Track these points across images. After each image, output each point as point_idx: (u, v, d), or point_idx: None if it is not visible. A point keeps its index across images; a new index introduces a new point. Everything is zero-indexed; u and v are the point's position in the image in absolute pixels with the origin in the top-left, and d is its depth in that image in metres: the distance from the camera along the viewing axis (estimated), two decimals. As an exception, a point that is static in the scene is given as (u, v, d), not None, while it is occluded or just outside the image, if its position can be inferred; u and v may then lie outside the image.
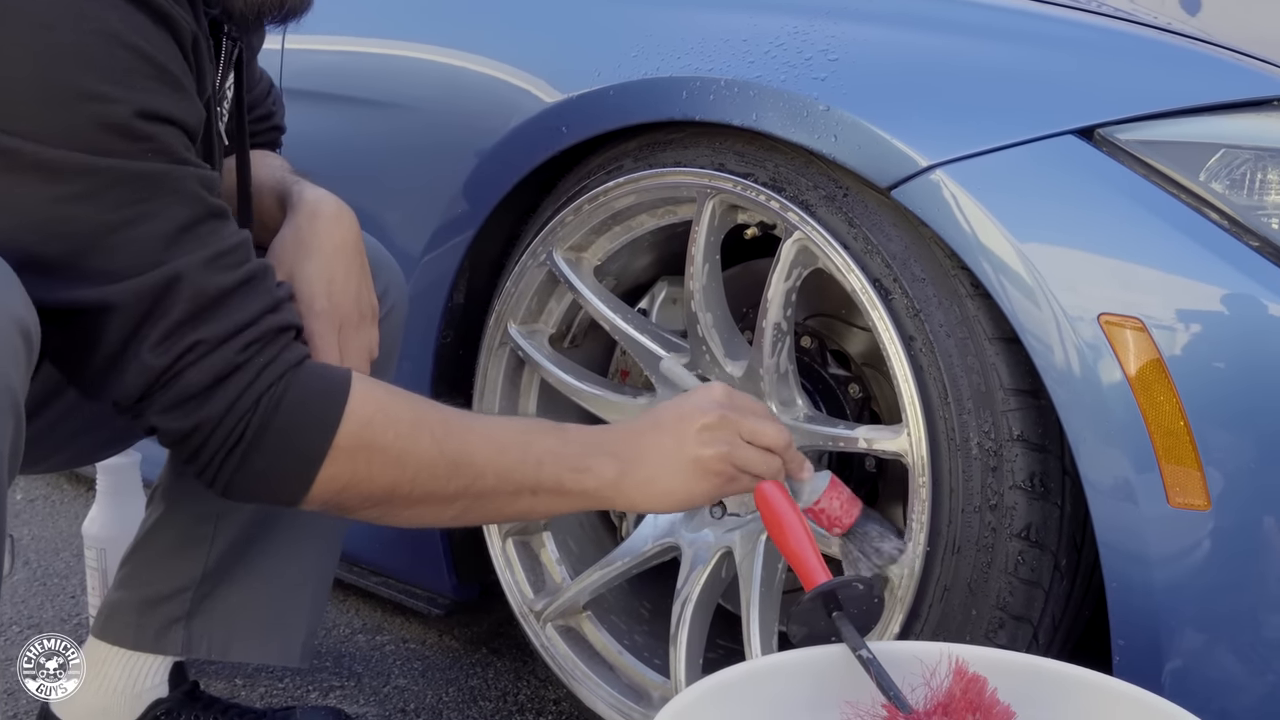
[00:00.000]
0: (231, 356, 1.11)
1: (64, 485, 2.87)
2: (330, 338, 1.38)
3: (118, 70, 1.06)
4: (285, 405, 1.13)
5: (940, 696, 1.08)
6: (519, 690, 1.90)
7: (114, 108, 1.05)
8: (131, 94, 1.06)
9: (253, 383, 1.12)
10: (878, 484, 1.71)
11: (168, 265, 1.08)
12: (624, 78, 1.56)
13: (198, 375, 1.10)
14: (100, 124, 1.05)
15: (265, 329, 1.13)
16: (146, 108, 1.07)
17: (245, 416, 1.11)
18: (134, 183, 1.07)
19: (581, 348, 1.83)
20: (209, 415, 1.11)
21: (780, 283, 1.49)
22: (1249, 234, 1.22)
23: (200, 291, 1.09)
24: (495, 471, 1.21)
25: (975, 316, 1.34)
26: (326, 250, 1.39)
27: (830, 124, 1.38)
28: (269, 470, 1.15)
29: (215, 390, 1.11)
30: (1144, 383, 1.22)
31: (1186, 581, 1.24)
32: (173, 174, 1.09)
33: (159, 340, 1.09)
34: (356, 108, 1.93)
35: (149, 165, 1.07)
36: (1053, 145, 1.29)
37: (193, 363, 1.10)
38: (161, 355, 1.09)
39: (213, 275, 1.10)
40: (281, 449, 1.14)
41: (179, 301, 1.08)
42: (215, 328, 1.10)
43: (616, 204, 1.62)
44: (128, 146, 1.06)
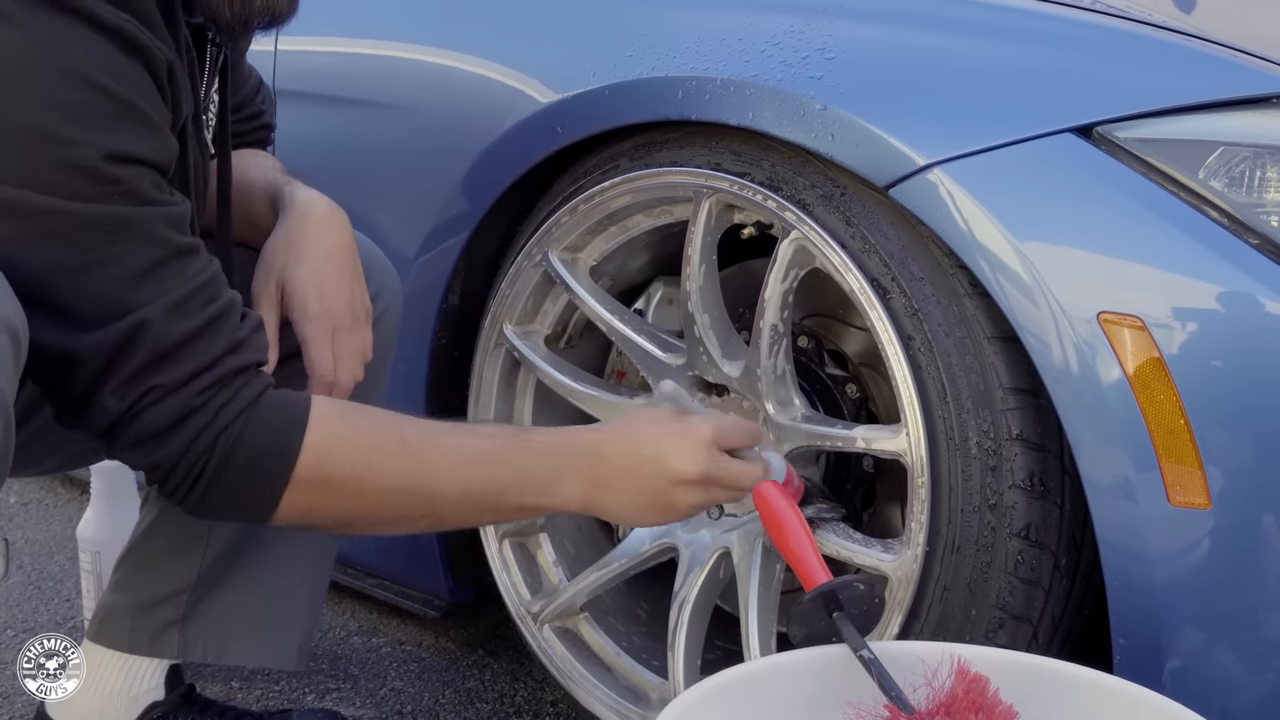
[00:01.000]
0: (188, 400, 1.12)
1: (58, 489, 2.86)
2: (324, 342, 1.37)
3: (85, 112, 1.05)
4: (242, 444, 1.15)
5: (943, 696, 1.08)
6: (516, 692, 1.89)
7: (80, 150, 1.05)
8: (98, 136, 1.06)
9: (209, 424, 1.13)
10: (875, 484, 1.71)
11: (132, 315, 1.09)
12: (619, 77, 1.55)
13: (155, 418, 1.12)
14: (66, 167, 1.04)
15: (224, 371, 1.15)
16: (114, 150, 1.07)
17: (204, 455, 1.14)
18: (99, 226, 1.07)
19: (577, 348, 1.83)
20: (168, 454, 1.13)
21: (777, 284, 1.48)
22: (1248, 231, 1.22)
23: (162, 338, 1.11)
24: (457, 494, 1.23)
25: (974, 315, 1.34)
26: (319, 254, 1.38)
27: (827, 123, 1.38)
28: (231, 500, 1.18)
29: (173, 431, 1.13)
30: (1144, 381, 1.22)
31: (1187, 580, 1.24)
32: (139, 216, 1.09)
33: (118, 386, 1.10)
34: (350, 109, 1.93)
35: (114, 209, 1.07)
36: (1051, 143, 1.29)
37: (150, 405, 1.12)
38: (120, 400, 1.11)
39: (175, 322, 1.11)
40: (241, 483, 1.16)
41: (140, 349, 1.10)
42: (174, 373, 1.12)
43: (612, 204, 1.62)
44: (94, 189, 1.06)
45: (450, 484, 1.22)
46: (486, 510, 1.27)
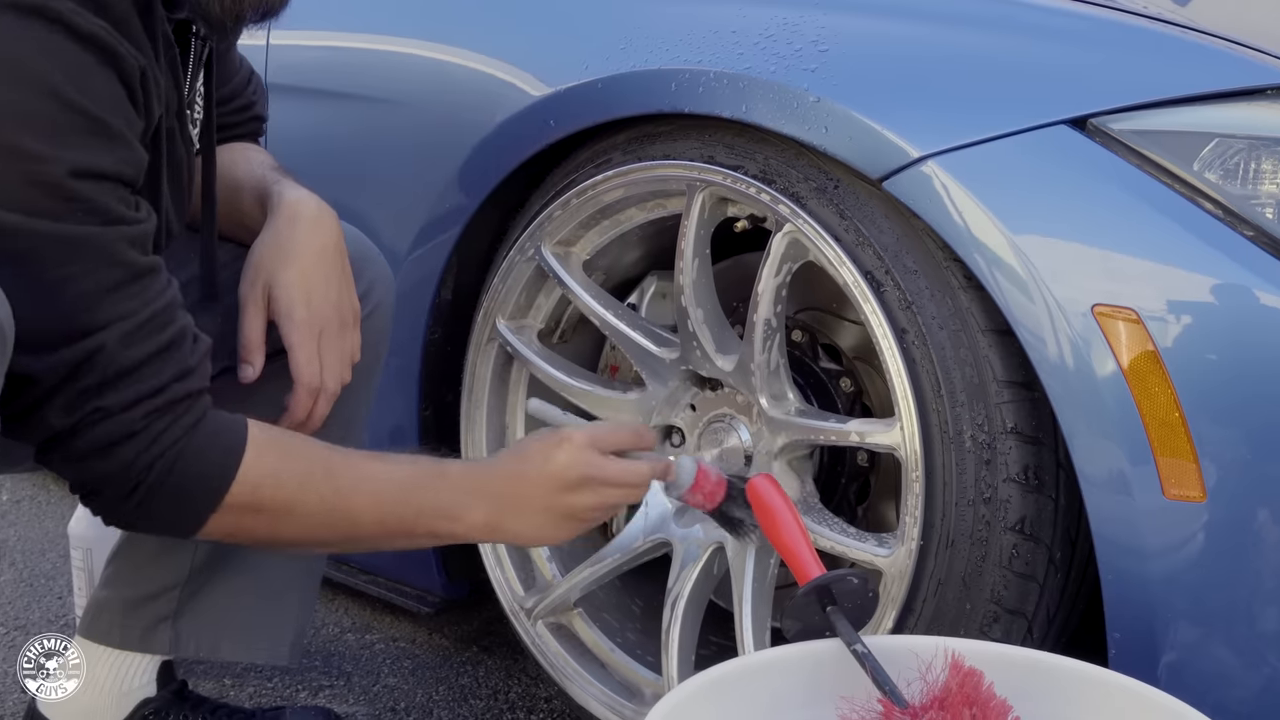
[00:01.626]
0: (131, 423, 1.13)
1: (50, 486, 2.85)
2: (310, 348, 1.37)
3: (53, 127, 1.05)
4: (178, 468, 1.16)
5: (936, 691, 1.07)
6: (510, 688, 1.89)
7: (48, 167, 1.04)
8: (66, 152, 1.05)
9: (149, 446, 1.15)
10: (870, 478, 1.70)
11: (89, 339, 1.09)
12: (612, 70, 1.55)
13: (96, 437, 1.13)
14: (32, 182, 1.04)
15: (170, 397, 1.16)
16: (81, 166, 1.06)
17: (139, 475, 1.15)
18: (61, 245, 1.07)
19: (570, 343, 1.82)
20: (107, 470, 1.15)
21: (770, 278, 1.48)
22: (1243, 223, 1.21)
23: (112, 363, 1.11)
24: (373, 522, 1.26)
25: (968, 309, 1.33)
26: (306, 257, 1.38)
27: (821, 115, 1.37)
28: (159, 518, 1.20)
29: (112, 450, 1.14)
30: (1138, 374, 1.21)
31: (1182, 574, 1.23)
32: (101, 236, 1.09)
33: (64, 403, 1.11)
34: (342, 103, 1.92)
35: (77, 228, 1.07)
36: (1045, 135, 1.28)
37: (92, 425, 1.12)
38: (64, 417, 1.11)
39: (129, 347, 1.12)
40: (172, 504, 1.18)
41: (91, 373, 1.10)
42: (120, 396, 1.12)
43: (605, 198, 1.61)
44: (58, 206, 1.05)
45: (368, 513, 1.25)
46: (400, 536, 1.30)
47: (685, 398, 1.67)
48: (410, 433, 1.85)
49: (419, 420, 1.85)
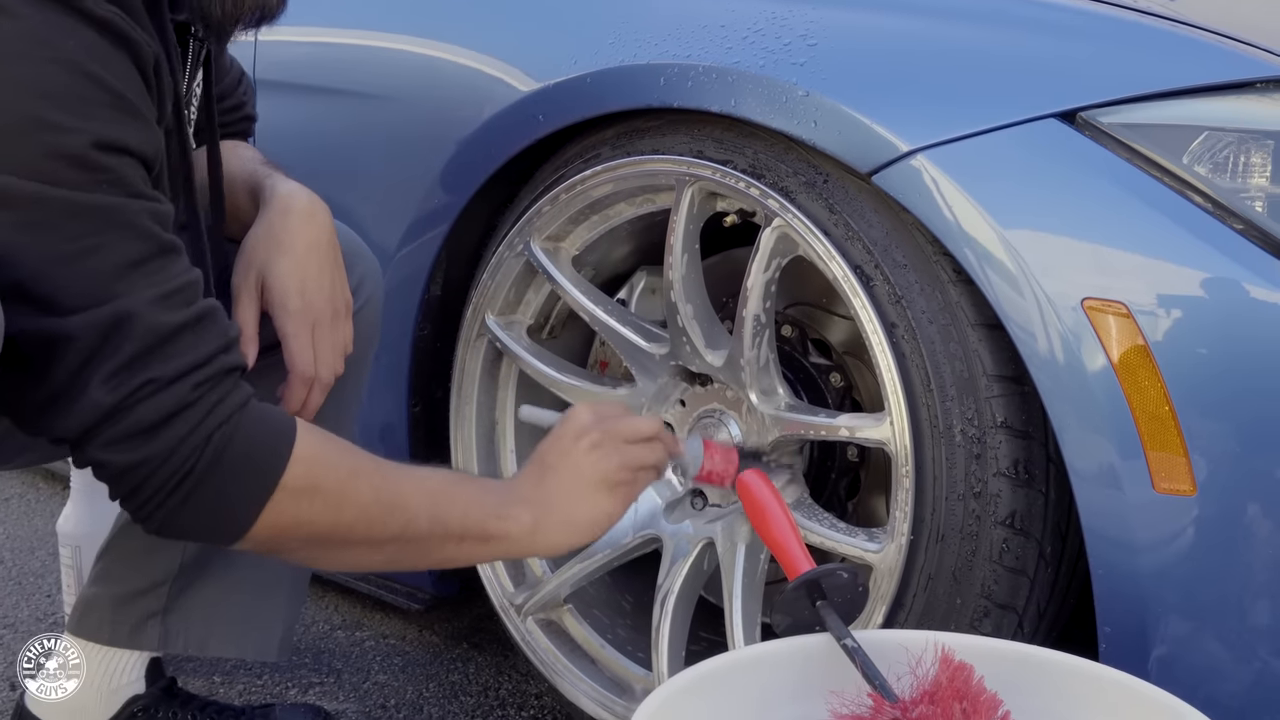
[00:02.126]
0: (184, 394, 1.09)
1: (39, 484, 2.85)
2: (304, 337, 1.37)
3: (75, 99, 1.04)
4: (235, 443, 1.11)
5: (927, 685, 1.07)
6: (500, 685, 1.88)
7: (70, 137, 1.03)
8: (89, 124, 1.04)
9: (204, 420, 1.10)
10: (860, 473, 1.70)
11: (118, 301, 1.06)
12: (601, 65, 1.55)
13: (149, 412, 1.08)
14: (55, 154, 1.02)
15: (217, 369, 1.12)
16: (103, 138, 1.05)
17: (195, 453, 1.09)
18: (86, 215, 1.04)
19: (560, 339, 1.82)
20: (157, 451, 1.09)
21: (759, 273, 1.47)
22: (1233, 217, 1.21)
23: (152, 329, 1.07)
24: (428, 515, 1.22)
25: (958, 303, 1.33)
26: (299, 248, 1.38)
27: (810, 109, 1.37)
28: (211, 509, 1.12)
29: (165, 426, 1.08)
30: (1128, 368, 1.21)
31: (1172, 568, 1.23)
32: (126, 207, 1.07)
33: (109, 376, 1.06)
34: (330, 99, 1.91)
35: (102, 198, 1.05)
36: (1035, 129, 1.28)
37: (144, 399, 1.07)
38: (112, 392, 1.06)
39: (164, 313, 1.08)
40: (227, 488, 1.12)
41: (131, 338, 1.06)
42: (168, 366, 1.08)
43: (594, 193, 1.61)
44: (81, 177, 1.04)
45: (421, 506, 1.22)
46: (452, 532, 1.24)
47: (675, 393, 1.67)
48: (400, 429, 1.85)
49: (408, 416, 1.84)
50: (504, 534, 1.25)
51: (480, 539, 1.25)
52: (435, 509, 1.22)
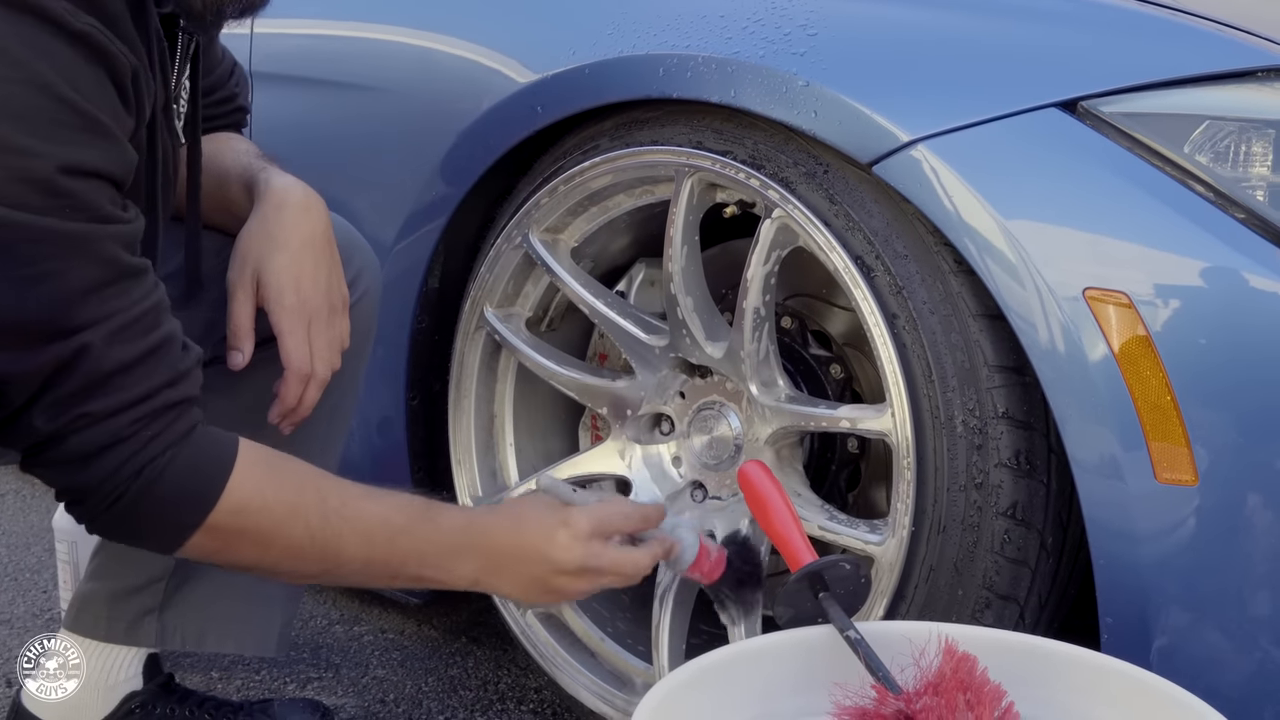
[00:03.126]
0: (118, 430, 1.10)
1: (34, 480, 2.84)
2: (300, 334, 1.36)
3: (44, 122, 1.02)
4: (164, 479, 1.13)
5: (930, 676, 1.07)
6: (500, 679, 1.88)
7: (36, 162, 1.01)
8: (56, 148, 1.02)
9: (135, 454, 1.11)
10: (860, 466, 1.70)
11: (74, 339, 1.06)
12: (600, 56, 1.54)
13: (80, 444, 1.09)
14: (20, 178, 1.01)
15: (158, 405, 1.12)
16: (70, 162, 1.03)
17: (124, 484, 1.11)
18: (47, 240, 1.03)
19: (559, 331, 1.81)
20: (87, 480, 1.11)
21: (759, 266, 1.47)
22: (1234, 206, 1.21)
23: (97, 366, 1.08)
24: (359, 561, 1.23)
25: (959, 293, 1.33)
26: (295, 243, 1.37)
27: (810, 100, 1.36)
28: (139, 533, 1.18)
29: (97, 458, 1.10)
30: (1130, 358, 1.21)
31: (1174, 558, 1.23)
32: (90, 234, 1.06)
33: (47, 407, 1.08)
34: (327, 91, 1.91)
35: (65, 224, 1.04)
36: (1035, 119, 1.27)
37: (77, 431, 1.09)
38: (48, 422, 1.08)
39: (114, 349, 1.08)
40: (155, 517, 1.15)
41: (75, 375, 1.07)
42: (106, 402, 1.09)
43: (593, 184, 1.60)
44: (46, 202, 1.02)
45: (355, 551, 1.22)
46: (384, 578, 1.29)
47: (675, 385, 1.66)
48: (397, 422, 1.84)
49: (406, 409, 1.83)
50: (438, 581, 1.27)
51: (414, 579, 1.28)
52: (370, 558, 1.23)
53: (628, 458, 1.71)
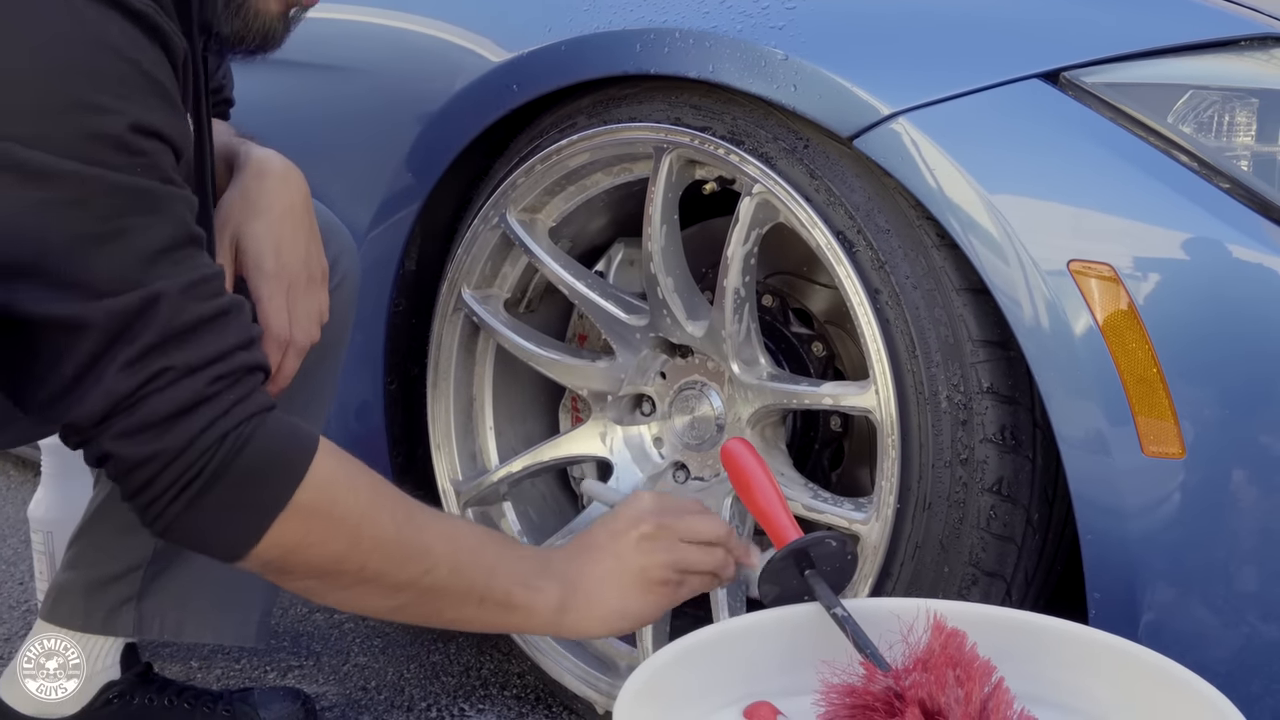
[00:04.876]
0: (200, 388, 1.05)
1: (10, 470, 2.81)
2: (279, 300, 1.34)
3: (115, 81, 1.02)
4: (249, 450, 1.06)
5: (919, 652, 1.05)
6: (482, 665, 1.86)
7: (109, 119, 1.01)
8: (127, 106, 1.02)
9: (219, 418, 1.06)
10: (843, 444, 1.68)
11: (146, 287, 1.03)
12: (575, 32, 1.52)
13: (162, 403, 1.04)
14: (94, 134, 1.01)
15: (237, 365, 1.08)
16: (141, 122, 1.03)
17: (207, 453, 1.05)
18: (121, 196, 1.02)
19: (538, 312, 1.80)
20: (169, 446, 1.04)
21: (739, 245, 1.45)
22: (1219, 176, 1.20)
23: (175, 317, 1.04)
24: (450, 566, 1.16)
25: (942, 268, 1.31)
26: (274, 210, 1.36)
27: (789, 73, 1.35)
28: (219, 516, 1.08)
29: (179, 420, 1.04)
30: (1115, 330, 1.20)
31: (1161, 532, 1.22)
32: (159, 192, 1.05)
33: (127, 363, 1.03)
34: (298, 72, 1.88)
35: (137, 180, 1.03)
36: (1017, 90, 1.26)
37: (159, 389, 1.04)
38: (128, 379, 1.03)
39: (189, 302, 1.05)
40: (238, 494, 1.07)
41: (152, 325, 1.03)
42: (186, 355, 1.05)
43: (570, 163, 1.58)
44: (119, 159, 1.02)
45: (444, 555, 1.16)
46: (474, 591, 1.18)
47: (655, 365, 1.65)
48: (375, 407, 1.82)
49: (384, 394, 1.82)
50: (527, 606, 1.19)
51: (503, 605, 1.19)
52: (459, 561, 1.16)
53: (608, 439, 1.70)
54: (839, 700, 1.04)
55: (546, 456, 1.73)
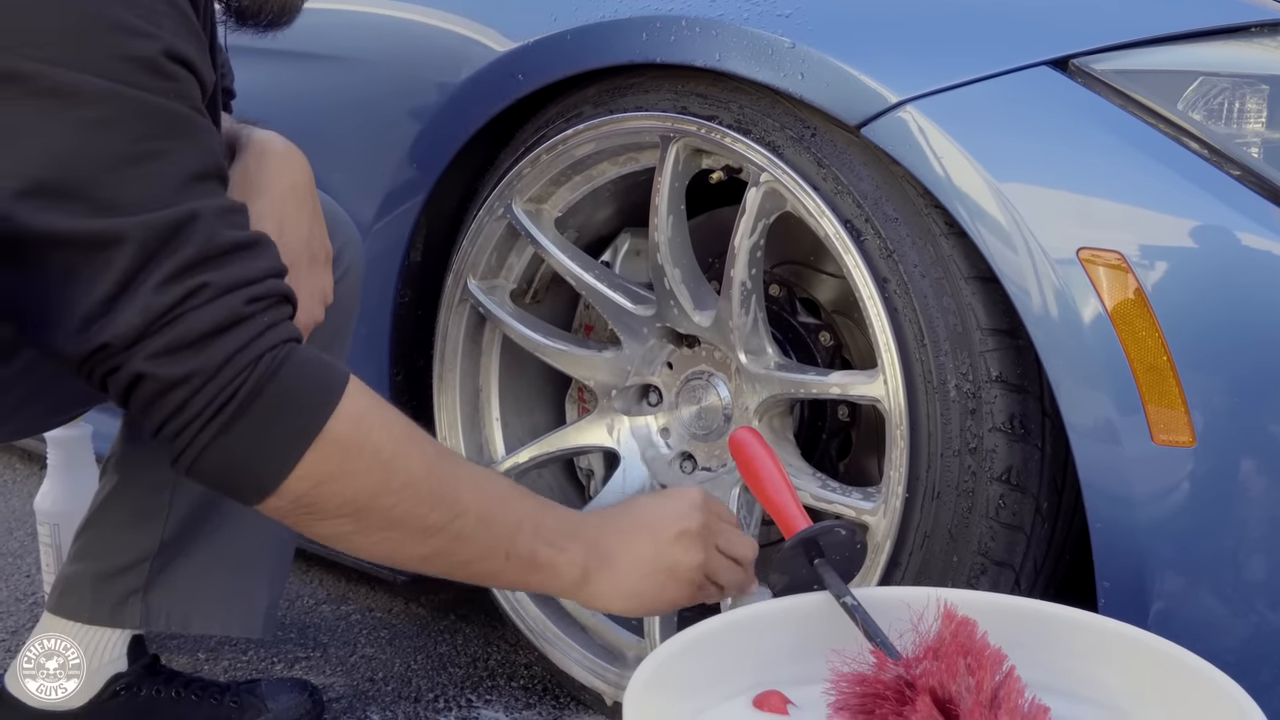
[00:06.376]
0: (238, 307, 1.03)
1: (16, 464, 2.81)
2: None
3: (148, 8, 1.03)
4: (284, 373, 1.04)
5: (930, 641, 1.05)
6: (489, 655, 1.86)
7: (143, 42, 1.01)
8: (160, 32, 1.03)
9: (255, 339, 1.04)
10: (850, 434, 1.68)
11: (183, 205, 1.02)
12: (581, 21, 1.52)
13: (200, 320, 1.01)
14: (128, 56, 1.01)
15: (271, 289, 1.07)
16: (174, 49, 1.03)
17: (242, 373, 1.03)
18: (156, 118, 1.02)
19: (544, 303, 1.79)
20: (204, 364, 1.02)
21: (746, 236, 1.45)
22: (1229, 163, 1.19)
23: (211, 236, 1.03)
24: (478, 515, 1.13)
25: (950, 256, 1.31)
26: (276, 190, 1.35)
27: (796, 61, 1.34)
28: (252, 443, 1.04)
29: (216, 338, 1.02)
30: (1125, 317, 1.19)
31: (1171, 521, 1.22)
32: (192, 119, 1.05)
33: (164, 279, 1.00)
34: (303, 63, 1.88)
35: (172, 104, 1.03)
36: (1026, 77, 1.26)
37: (197, 306, 1.01)
38: (165, 294, 1.00)
39: (224, 227, 1.05)
40: (272, 420, 1.04)
41: (189, 243, 1.02)
42: (223, 275, 1.03)
43: (576, 152, 1.58)
44: (153, 82, 1.02)
45: (474, 499, 1.13)
46: (499, 545, 1.15)
47: (662, 355, 1.64)
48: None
49: (390, 385, 1.82)
50: (552, 566, 1.17)
51: (527, 563, 1.16)
52: (488, 510, 1.14)
53: (615, 430, 1.69)
54: (849, 689, 1.04)
55: (553, 447, 1.73)
